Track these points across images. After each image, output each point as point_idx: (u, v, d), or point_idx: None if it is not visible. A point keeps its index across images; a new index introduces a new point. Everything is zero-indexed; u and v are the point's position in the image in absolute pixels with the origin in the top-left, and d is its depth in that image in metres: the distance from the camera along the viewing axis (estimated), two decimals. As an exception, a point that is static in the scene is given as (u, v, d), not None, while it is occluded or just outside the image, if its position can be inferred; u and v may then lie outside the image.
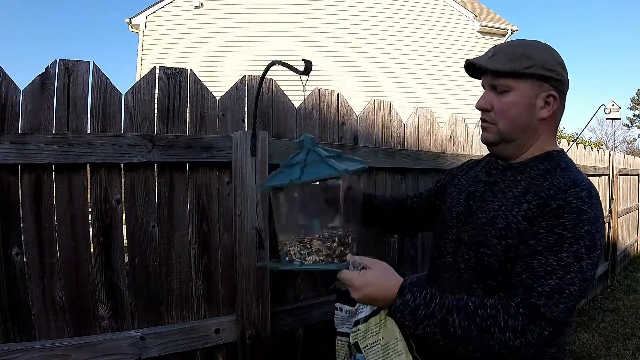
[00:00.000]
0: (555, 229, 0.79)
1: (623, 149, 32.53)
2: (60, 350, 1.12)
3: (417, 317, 0.80)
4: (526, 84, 0.88)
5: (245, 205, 1.33)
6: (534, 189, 0.86)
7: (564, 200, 0.81)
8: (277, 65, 1.04)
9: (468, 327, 0.77)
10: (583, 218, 0.79)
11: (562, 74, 0.90)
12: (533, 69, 0.87)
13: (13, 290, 1.12)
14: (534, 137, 0.92)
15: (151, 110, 1.30)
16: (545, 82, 0.88)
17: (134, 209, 1.26)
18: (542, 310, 0.75)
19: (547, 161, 0.91)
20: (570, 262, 0.77)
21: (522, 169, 0.92)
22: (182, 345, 1.27)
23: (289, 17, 9.71)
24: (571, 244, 0.77)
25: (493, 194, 0.93)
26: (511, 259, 0.84)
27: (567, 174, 0.87)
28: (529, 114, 0.90)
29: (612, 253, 4.70)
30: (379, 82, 9.43)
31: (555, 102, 0.90)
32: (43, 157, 1.11)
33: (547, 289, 0.76)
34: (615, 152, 5.46)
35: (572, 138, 18.30)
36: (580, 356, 2.84)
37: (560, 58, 0.92)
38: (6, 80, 1.12)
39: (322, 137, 1.65)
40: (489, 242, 0.87)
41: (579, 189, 0.82)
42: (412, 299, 0.81)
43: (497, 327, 0.76)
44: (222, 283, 1.39)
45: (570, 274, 0.76)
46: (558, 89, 0.90)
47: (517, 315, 0.76)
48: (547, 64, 0.88)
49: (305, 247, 0.91)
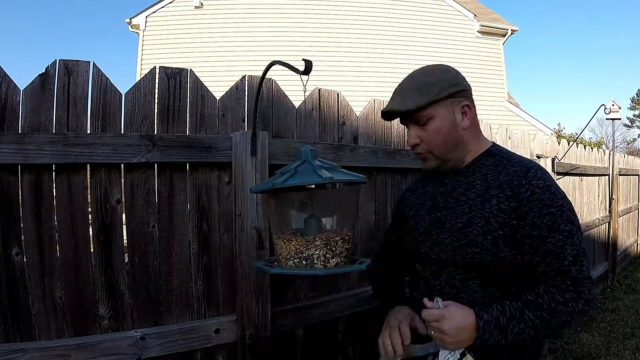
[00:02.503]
0: (543, 211, 0.90)
1: (623, 149, 32.55)
2: (60, 350, 1.12)
3: (502, 327, 0.87)
4: (442, 107, 0.97)
5: (246, 205, 1.33)
6: (493, 184, 0.96)
7: (530, 184, 0.92)
8: (277, 65, 1.04)
9: (541, 315, 0.87)
10: (553, 190, 0.92)
11: (464, 83, 0.99)
12: (442, 92, 0.95)
13: (13, 290, 1.12)
14: (467, 145, 1.02)
15: (151, 110, 1.30)
16: (456, 97, 0.97)
17: (134, 209, 1.26)
18: (579, 275, 0.88)
19: (490, 157, 1.01)
20: (569, 228, 0.90)
21: (472, 171, 1.01)
22: (182, 345, 1.27)
23: (289, 17, 9.71)
24: (560, 214, 0.90)
25: (455, 199, 1.00)
26: (501, 249, 0.92)
27: (515, 162, 0.98)
28: (455, 130, 0.99)
29: (612, 253, 4.70)
30: (379, 82, 9.43)
31: (469, 109, 1.00)
32: (43, 157, 1.11)
33: (570, 259, 0.88)
34: (615, 152, 5.46)
35: (572, 138, 18.29)
36: (580, 356, 2.84)
37: (455, 71, 1.01)
38: (6, 80, 1.12)
39: (322, 137, 1.65)
40: (475, 241, 0.94)
41: (534, 170, 0.94)
42: (488, 317, 0.88)
43: (561, 304, 0.87)
44: (222, 283, 1.39)
45: (574, 237, 0.90)
46: (466, 96, 0.99)
47: (567, 288, 0.88)
48: (450, 81, 0.97)
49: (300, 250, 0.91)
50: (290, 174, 0.89)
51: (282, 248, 0.92)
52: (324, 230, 0.94)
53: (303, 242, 0.90)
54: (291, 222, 1.00)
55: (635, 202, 6.09)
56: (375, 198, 1.81)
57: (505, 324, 0.87)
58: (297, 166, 0.91)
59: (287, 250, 0.91)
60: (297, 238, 0.91)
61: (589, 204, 4.19)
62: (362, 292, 1.72)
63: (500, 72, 10.72)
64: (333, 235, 0.92)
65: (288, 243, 0.91)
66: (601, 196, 4.56)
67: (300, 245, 0.90)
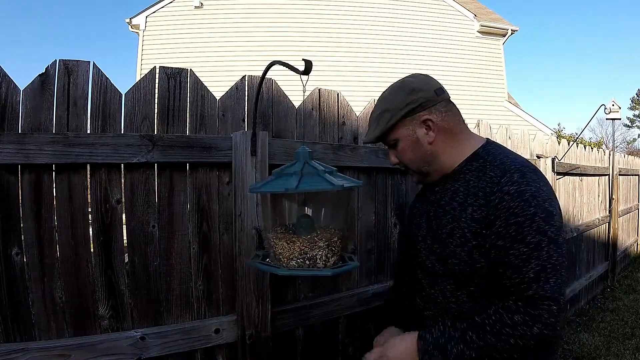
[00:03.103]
0: (509, 220, 0.83)
1: (623, 149, 32.55)
2: (60, 350, 1.12)
3: (440, 347, 0.87)
4: (402, 128, 0.99)
5: (246, 205, 1.33)
6: (473, 191, 0.92)
7: (501, 191, 0.86)
8: (277, 65, 1.04)
9: (484, 337, 0.83)
10: (526, 197, 0.83)
11: (418, 95, 0.96)
12: (393, 119, 0.97)
13: (13, 290, 1.12)
14: (441, 155, 0.99)
15: (151, 110, 1.30)
16: (414, 114, 0.97)
17: (134, 209, 1.26)
18: (535, 295, 0.80)
19: (475, 161, 0.97)
20: (538, 240, 0.81)
21: (457, 177, 0.98)
22: (182, 345, 1.27)
23: (289, 17, 9.70)
24: (530, 225, 0.82)
25: (442, 209, 0.98)
26: (477, 259, 0.89)
27: (495, 165, 0.92)
28: (420, 146, 0.99)
29: (612, 253, 4.70)
30: (379, 82, 9.38)
31: (432, 122, 0.97)
32: (43, 157, 1.11)
33: (531, 275, 0.80)
34: (615, 152, 5.46)
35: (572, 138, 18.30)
36: (580, 356, 2.84)
37: (409, 87, 0.98)
38: (6, 80, 1.12)
39: (322, 137, 1.65)
40: (454, 253, 0.92)
41: (510, 174, 0.87)
42: (429, 337, 0.89)
43: (507, 326, 0.81)
44: (222, 283, 1.39)
45: (543, 250, 0.80)
46: (428, 108, 0.97)
47: (518, 309, 0.81)
48: (399, 104, 0.97)
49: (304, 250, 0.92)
50: (297, 177, 0.89)
51: (285, 248, 0.92)
52: (320, 229, 0.95)
53: (307, 243, 0.91)
54: (285, 222, 1.01)
55: (635, 202, 6.09)
56: (375, 198, 1.81)
57: (443, 344, 0.87)
58: (302, 169, 0.91)
59: (289, 251, 0.91)
60: (301, 239, 0.92)
61: (589, 204, 4.19)
62: (362, 292, 1.72)
63: (500, 72, 10.72)
64: (332, 235, 0.93)
65: (292, 244, 0.91)
66: (601, 196, 4.56)
67: (304, 247, 0.91)
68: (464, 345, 0.85)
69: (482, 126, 2.51)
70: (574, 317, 3.60)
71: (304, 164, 0.92)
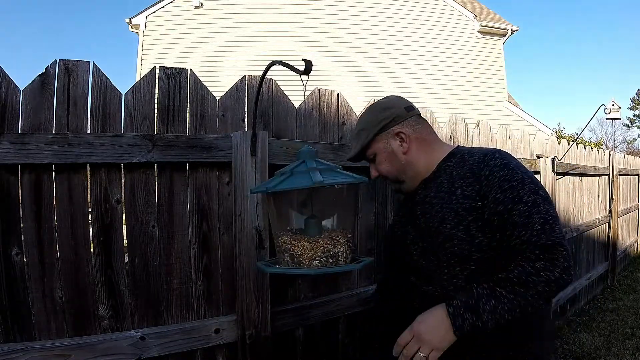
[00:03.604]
0: (504, 186, 0.92)
1: (623, 149, 32.55)
2: (60, 350, 1.12)
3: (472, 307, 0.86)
4: (378, 143, 1.08)
5: (245, 205, 1.33)
6: (458, 176, 1.00)
7: (488, 165, 0.96)
8: (277, 65, 1.05)
9: (513, 289, 0.84)
10: (511, 167, 0.95)
11: (391, 112, 1.07)
12: (370, 135, 1.07)
13: (13, 290, 1.12)
14: (417, 163, 1.08)
15: (151, 110, 1.30)
16: (387, 129, 1.06)
17: (134, 209, 1.26)
18: (548, 242, 0.86)
19: (453, 157, 1.06)
20: (533, 199, 0.90)
21: (438, 175, 1.05)
22: (182, 345, 1.27)
23: (289, 17, 9.71)
24: (522, 187, 0.91)
25: (429, 204, 1.04)
26: (475, 235, 0.94)
27: (475, 153, 1.02)
28: (395, 159, 1.07)
29: (612, 253, 4.70)
30: (379, 82, 9.43)
31: (405, 134, 1.06)
32: (43, 157, 1.11)
33: (537, 227, 0.87)
34: (615, 152, 5.46)
35: (572, 138, 18.30)
36: (580, 356, 2.84)
37: (380, 106, 1.09)
38: (6, 80, 1.12)
39: (322, 137, 1.65)
40: (450, 235, 0.96)
41: (491, 154, 0.99)
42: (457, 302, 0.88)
43: (532, 274, 0.84)
44: (222, 283, 1.39)
45: (540, 206, 0.89)
46: (398, 122, 1.06)
47: (537, 257, 0.86)
48: (373, 122, 1.07)
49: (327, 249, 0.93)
50: (285, 176, 0.90)
51: (306, 249, 0.93)
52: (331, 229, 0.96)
53: (329, 242, 0.93)
54: (292, 224, 1.01)
55: (635, 202, 6.09)
56: (375, 198, 1.81)
57: (474, 304, 0.86)
58: (293, 168, 0.93)
59: (312, 251, 0.93)
60: (323, 238, 0.94)
61: (589, 204, 4.19)
62: (362, 292, 1.72)
63: (500, 72, 10.73)
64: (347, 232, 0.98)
65: (314, 244, 0.93)
66: (601, 196, 4.56)
67: (327, 245, 0.93)
68: (495, 301, 0.85)
69: (482, 126, 2.51)
70: (574, 317, 3.60)
71: (299, 164, 0.94)
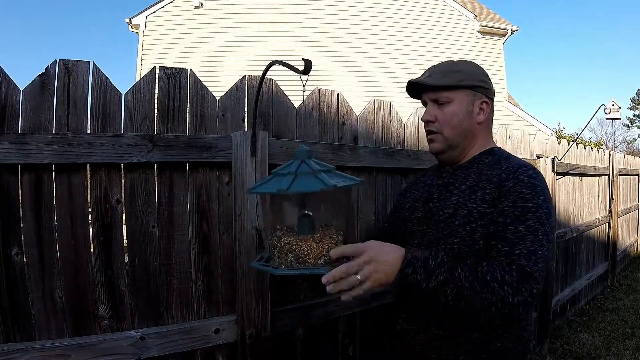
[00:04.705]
0: (517, 203, 0.89)
1: (623, 149, 32.56)
2: (60, 350, 1.12)
3: (428, 267, 0.83)
4: (463, 94, 1.03)
5: (245, 205, 1.33)
6: (485, 177, 0.98)
7: (517, 179, 0.93)
8: (277, 65, 1.04)
9: (472, 281, 0.81)
10: (537, 190, 0.91)
11: (489, 83, 1.06)
12: (466, 81, 1.02)
13: (13, 290, 1.12)
14: (475, 140, 1.06)
15: (151, 110, 1.30)
16: (477, 92, 1.04)
17: (134, 209, 1.26)
18: (527, 268, 0.82)
19: (491, 155, 1.05)
20: (537, 227, 0.86)
21: (470, 165, 1.04)
22: (182, 345, 1.27)
23: (289, 17, 9.70)
24: (534, 212, 0.88)
25: (449, 192, 1.02)
26: (477, 240, 0.93)
27: (512, 161, 1.01)
28: (469, 120, 1.04)
29: (612, 253, 4.70)
30: (379, 82, 9.43)
31: (487, 107, 1.05)
32: (43, 157, 1.11)
33: (524, 251, 0.84)
34: (615, 152, 5.46)
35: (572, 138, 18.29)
36: (580, 356, 2.84)
37: (484, 72, 1.07)
38: (6, 80, 1.12)
39: (322, 137, 1.65)
40: (455, 232, 0.95)
41: (526, 168, 0.96)
42: (420, 253, 0.85)
43: (497, 281, 0.81)
44: (222, 283, 1.39)
45: (538, 237, 0.86)
46: (487, 96, 1.05)
47: (511, 271, 0.82)
48: (476, 76, 1.04)
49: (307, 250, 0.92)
50: (290, 177, 0.89)
51: (312, 249, 0.92)
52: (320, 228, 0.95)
53: (333, 241, 0.92)
54: (289, 223, 1.00)
55: (635, 202, 6.09)
56: (375, 198, 1.81)
57: (432, 267, 0.82)
58: (297, 169, 0.91)
59: (318, 250, 0.92)
60: (327, 237, 0.92)
61: (589, 204, 4.19)
62: (362, 292, 1.71)
63: (500, 72, 10.72)
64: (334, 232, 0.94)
65: (320, 243, 0.92)
66: (601, 196, 4.56)
67: (331, 244, 0.92)
68: (450, 277, 0.81)
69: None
70: (574, 317, 3.60)
71: (300, 164, 0.92)
